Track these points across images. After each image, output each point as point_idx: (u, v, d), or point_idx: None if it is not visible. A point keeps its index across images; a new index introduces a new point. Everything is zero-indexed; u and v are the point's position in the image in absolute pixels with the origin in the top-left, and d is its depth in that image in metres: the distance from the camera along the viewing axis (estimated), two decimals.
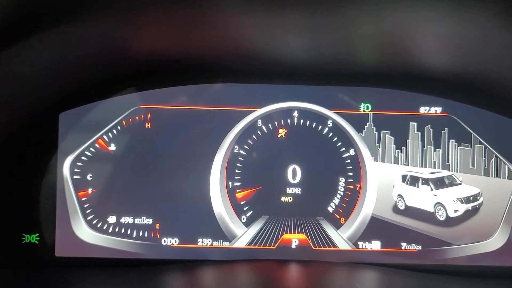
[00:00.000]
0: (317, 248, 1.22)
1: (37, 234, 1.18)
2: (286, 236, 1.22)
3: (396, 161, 1.23)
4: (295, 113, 1.23)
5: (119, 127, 1.21)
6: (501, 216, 1.21)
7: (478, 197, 1.22)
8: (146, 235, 1.20)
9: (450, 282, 1.14)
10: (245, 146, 1.22)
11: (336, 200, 1.23)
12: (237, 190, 1.22)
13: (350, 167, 1.23)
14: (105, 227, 1.20)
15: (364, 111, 1.23)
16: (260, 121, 1.23)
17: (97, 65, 1.11)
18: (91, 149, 1.20)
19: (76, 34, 0.91)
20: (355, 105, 1.23)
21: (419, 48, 1.06)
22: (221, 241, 1.21)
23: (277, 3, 0.83)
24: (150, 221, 1.20)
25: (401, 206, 1.23)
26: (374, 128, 1.23)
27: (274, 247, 1.22)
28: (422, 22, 0.90)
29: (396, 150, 1.23)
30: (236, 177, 1.22)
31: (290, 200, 1.22)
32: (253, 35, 1.00)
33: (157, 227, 1.20)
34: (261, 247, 1.21)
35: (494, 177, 1.22)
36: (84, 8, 0.82)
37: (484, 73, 1.14)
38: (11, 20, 0.77)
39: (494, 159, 1.22)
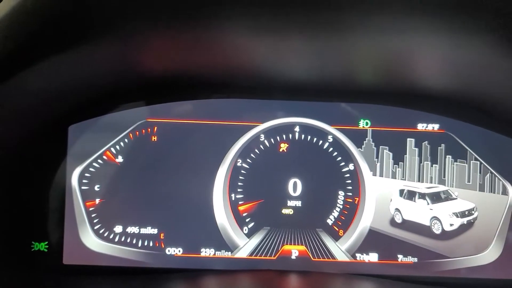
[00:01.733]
0: (316, 259, 1.25)
1: (46, 242, 1.21)
2: (287, 247, 1.25)
3: (394, 176, 1.26)
4: (297, 128, 1.26)
5: (126, 140, 1.24)
6: (495, 230, 1.25)
7: (473, 212, 1.26)
8: (151, 244, 1.24)
9: None
10: (248, 160, 1.26)
11: (335, 213, 1.26)
12: (240, 203, 1.25)
13: (349, 181, 1.26)
14: (111, 236, 1.23)
15: (363, 127, 1.26)
16: (262, 136, 1.26)
17: (105, 80, 1.15)
18: (99, 160, 1.24)
19: (87, 54, 0.95)
20: (355, 121, 1.26)
21: (418, 68, 1.10)
22: (224, 251, 1.25)
23: (281, 28, 0.87)
24: (155, 231, 1.24)
25: (398, 220, 1.27)
26: (373, 143, 1.26)
27: (275, 258, 1.25)
28: (421, 47, 0.94)
29: (394, 165, 1.26)
30: (239, 190, 1.26)
31: (290, 213, 1.26)
32: (257, 54, 1.04)
33: (161, 237, 1.24)
34: (262, 257, 1.25)
35: (489, 192, 1.25)
36: (95, 31, 0.86)
37: (480, 93, 1.17)
38: (26, 44, 0.81)
39: (489, 175, 1.25)
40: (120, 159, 1.24)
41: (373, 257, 1.25)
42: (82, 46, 0.90)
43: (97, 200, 1.23)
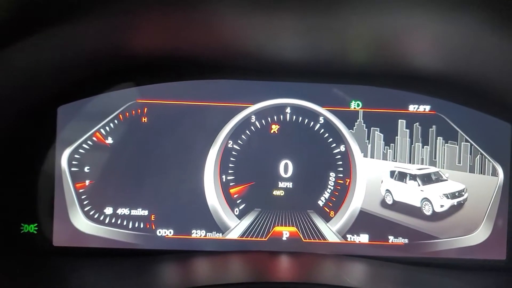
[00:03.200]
0: (307, 240, 1.25)
1: (36, 224, 1.21)
2: (278, 228, 1.25)
3: (385, 157, 1.27)
4: (288, 110, 1.26)
5: (116, 121, 1.23)
6: (485, 211, 1.26)
7: (463, 193, 1.26)
8: (141, 226, 1.23)
9: (435, 274, 1.18)
10: (239, 141, 1.25)
11: (326, 194, 1.26)
12: (231, 184, 1.25)
13: (341, 163, 1.26)
14: (101, 218, 1.23)
15: (355, 108, 1.26)
16: (253, 117, 1.26)
17: (95, 60, 1.14)
18: (89, 142, 1.23)
19: (75, 32, 0.93)
20: (346, 102, 1.26)
21: (409, 49, 1.09)
22: (215, 232, 1.25)
23: (271, 5, 0.86)
24: (146, 212, 1.23)
25: (389, 201, 1.27)
26: (364, 125, 1.26)
27: (266, 239, 1.25)
28: (412, 26, 0.94)
29: (385, 147, 1.26)
30: (230, 171, 1.25)
31: (281, 194, 1.26)
32: (248, 34, 1.03)
33: (152, 219, 1.23)
34: (253, 239, 1.25)
35: (479, 173, 1.26)
36: (83, 7, 0.85)
37: (471, 74, 1.17)
38: (14, 17, 0.79)
39: (479, 156, 1.26)
40: (110, 140, 1.23)
41: (363, 238, 1.26)
42: (70, 23, 0.89)
43: (87, 182, 1.23)
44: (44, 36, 0.90)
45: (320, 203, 1.26)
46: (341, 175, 1.26)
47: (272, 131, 1.26)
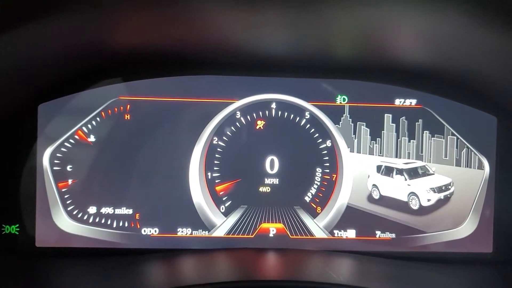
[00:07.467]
0: (294, 237, 1.25)
1: (17, 225, 1.18)
2: (264, 225, 1.24)
3: (371, 152, 1.26)
4: (273, 105, 1.25)
5: (98, 119, 1.21)
6: (471, 205, 1.26)
7: (450, 187, 1.26)
8: (126, 225, 1.22)
9: (423, 268, 1.18)
10: (224, 138, 1.24)
11: (313, 190, 1.25)
12: (217, 182, 1.24)
13: (327, 158, 1.26)
14: (85, 218, 1.21)
15: (340, 103, 1.25)
16: (238, 113, 1.24)
17: (76, 57, 1.11)
18: (71, 140, 1.21)
19: (55, 27, 0.91)
20: (332, 97, 1.25)
21: (395, 43, 1.08)
22: (201, 230, 1.23)
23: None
24: (130, 211, 1.22)
25: (376, 196, 1.27)
26: (350, 119, 1.25)
27: (252, 236, 1.24)
28: (398, 19, 0.93)
29: (372, 141, 1.26)
30: (215, 168, 1.24)
31: (268, 190, 1.25)
32: (232, 29, 1.01)
33: (137, 217, 1.22)
34: (240, 236, 1.24)
35: (465, 167, 1.26)
36: (62, 2, 0.83)
37: (457, 67, 1.16)
38: None
39: (466, 150, 1.26)
40: (92, 138, 1.21)
41: (351, 233, 1.25)
42: (49, 19, 0.86)
43: (70, 181, 1.21)
44: (22, 32, 0.88)
45: (307, 199, 1.25)
46: (328, 171, 1.26)
47: (257, 127, 1.25)
